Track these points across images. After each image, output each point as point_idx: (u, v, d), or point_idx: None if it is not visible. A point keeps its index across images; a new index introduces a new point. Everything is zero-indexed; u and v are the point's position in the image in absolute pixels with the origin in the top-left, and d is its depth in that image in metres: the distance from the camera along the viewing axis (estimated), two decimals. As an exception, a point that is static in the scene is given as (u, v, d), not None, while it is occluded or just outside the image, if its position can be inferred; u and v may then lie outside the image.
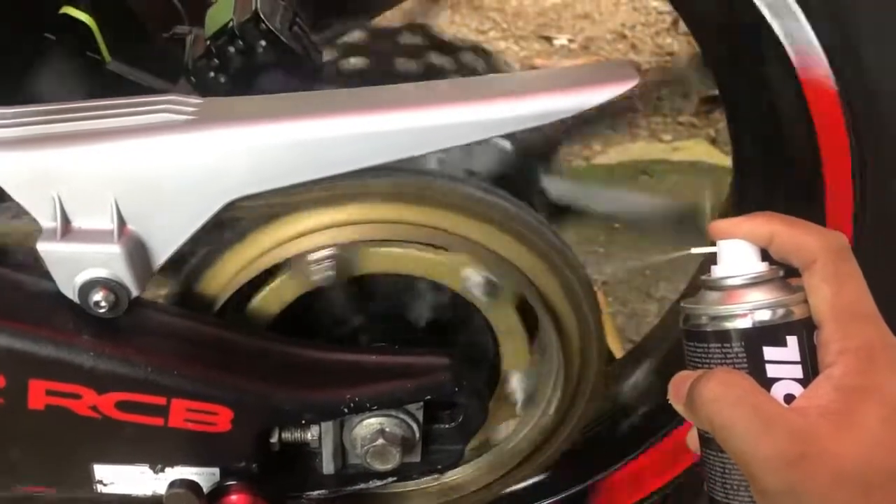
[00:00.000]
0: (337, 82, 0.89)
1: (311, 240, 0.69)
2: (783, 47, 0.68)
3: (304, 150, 0.63)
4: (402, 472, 0.75)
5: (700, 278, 0.57)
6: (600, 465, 0.96)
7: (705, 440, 0.55)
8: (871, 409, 0.49)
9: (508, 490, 0.86)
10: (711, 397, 0.51)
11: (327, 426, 0.72)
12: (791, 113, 0.74)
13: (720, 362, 0.54)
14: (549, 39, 2.27)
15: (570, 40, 2.27)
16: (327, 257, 0.69)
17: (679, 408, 0.55)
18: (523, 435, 0.80)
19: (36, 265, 0.65)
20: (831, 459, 0.48)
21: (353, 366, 0.71)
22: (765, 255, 0.55)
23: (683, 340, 0.57)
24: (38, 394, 0.65)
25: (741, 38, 0.79)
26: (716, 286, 0.55)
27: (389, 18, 1.13)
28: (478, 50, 0.96)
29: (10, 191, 0.63)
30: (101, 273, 0.64)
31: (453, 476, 0.82)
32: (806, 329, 0.53)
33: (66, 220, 0.64)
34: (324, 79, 0.85)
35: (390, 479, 0.75)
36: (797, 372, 0.52)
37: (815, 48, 0.67)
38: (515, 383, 0.79)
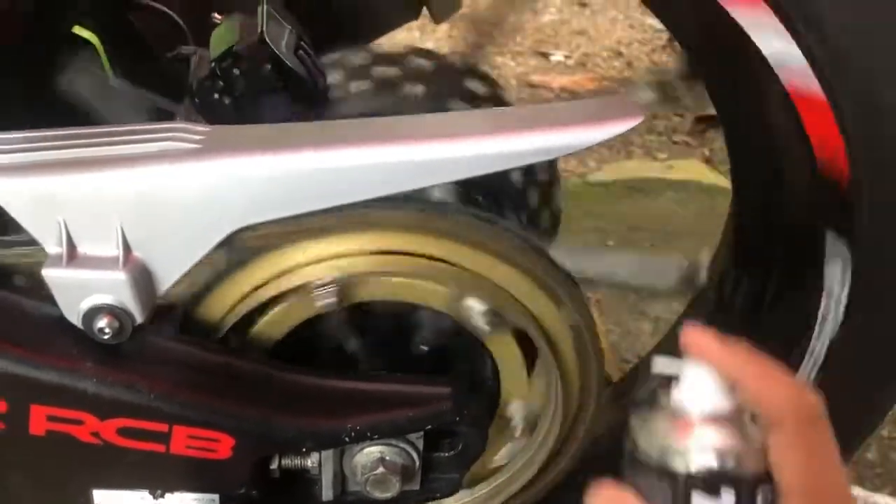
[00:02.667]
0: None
1: (315, 270, 0.70)
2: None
3: (310, 180, 0.63)
4: (401, 500, 0.75)
5: (657, 393, 0.51)
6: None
7: None
8: None
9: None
10: None
11: (327, 453, 0.72)
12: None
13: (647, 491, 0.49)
14: (545, 55, 2.28)
15: (567, 56, 2.28)
16: (330, 282, 0.69)
17: None
18: (524, 462, 0.80)
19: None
20: None
21: (354, 394, 0.71)
22: None
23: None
24: (40, 419, 0.65)
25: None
26: (666, 410, 0.50)
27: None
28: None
29: (17, 216, 0.63)
30: (106, 299, 0.64)
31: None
32: (750, 486, 0.47)
33: (71, 246, 0.64)
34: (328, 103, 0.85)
35: (389, 507, 0.75)
36: None
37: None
38: (514, 410, 0.79)
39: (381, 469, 0.71)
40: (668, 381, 0.50)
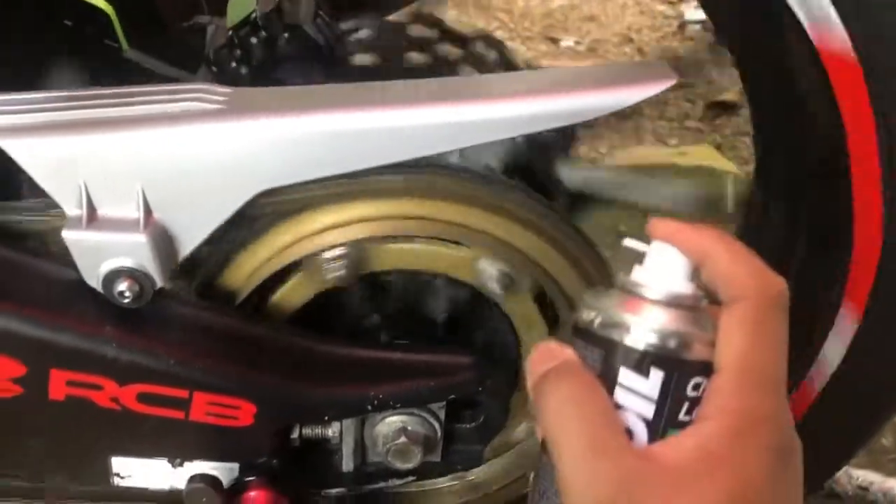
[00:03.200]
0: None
1: (324, 238, 0.68)
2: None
3: (335, 142, 0.62)
4: (422, 472, 0.74)
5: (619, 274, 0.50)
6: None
7: None
8: (722, 484, 0.42)
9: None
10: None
11: (348, 423, 0.71)
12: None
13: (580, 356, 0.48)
14: (555, 41, 2.26)
15: (577, 42, 2.26)
16: (339, 256, 0.68)
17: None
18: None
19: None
20: None
21: (377, 363, 0.70)
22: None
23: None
24: (59, 384, 0.64)
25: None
26: (621, 286, 0.48)
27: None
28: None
29: (36, 177, 0.62)
30: (126, 262, 0.63)
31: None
32: (684, 373, 0.45)
33: (91, 208, 0.63)
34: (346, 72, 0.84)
35: (410, 479, 0.74)
36: (647, 410, 0.46)
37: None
38: None
39: (402, 439, 0.70)
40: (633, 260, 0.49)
